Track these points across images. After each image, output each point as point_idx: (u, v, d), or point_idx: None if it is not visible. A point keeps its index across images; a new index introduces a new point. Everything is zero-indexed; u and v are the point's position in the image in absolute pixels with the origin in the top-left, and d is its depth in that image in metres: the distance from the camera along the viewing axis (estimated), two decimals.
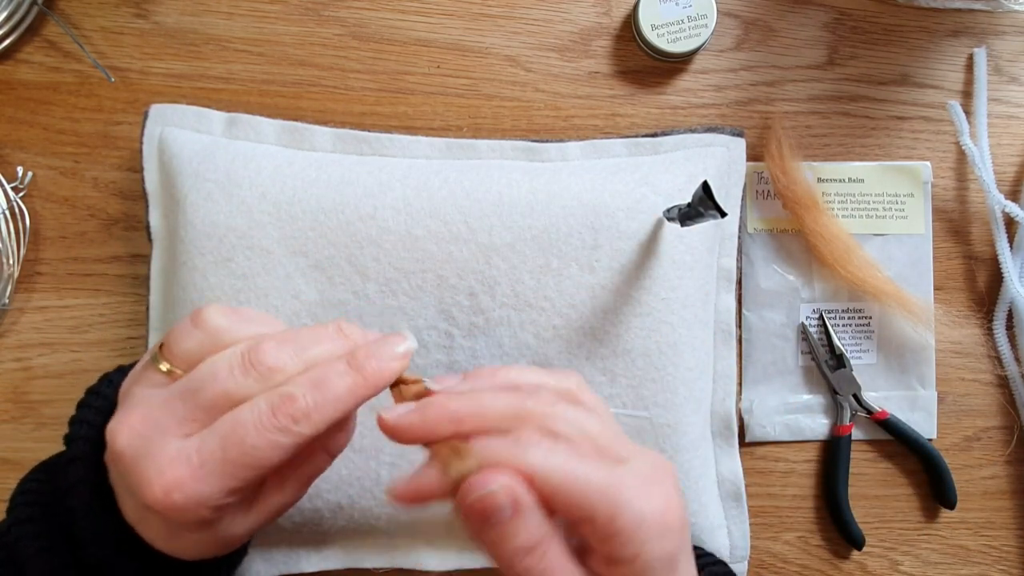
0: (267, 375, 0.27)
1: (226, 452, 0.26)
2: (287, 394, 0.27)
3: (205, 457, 0.26)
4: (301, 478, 0.31)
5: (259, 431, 0.26)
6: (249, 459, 0.26)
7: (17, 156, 0.45)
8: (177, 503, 0.26)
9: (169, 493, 0.26)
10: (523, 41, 0.48)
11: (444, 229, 0.42)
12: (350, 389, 0.27)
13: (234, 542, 0.31)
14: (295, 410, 0.26)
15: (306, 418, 0.27)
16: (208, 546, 0.30)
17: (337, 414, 0.27)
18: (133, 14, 0.46)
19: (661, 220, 0.43)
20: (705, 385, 0.46)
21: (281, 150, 0.44)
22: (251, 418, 0.26)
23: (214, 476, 0.26)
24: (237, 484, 0.26)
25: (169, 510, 0.26)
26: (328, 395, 0.27)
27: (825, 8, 0.50)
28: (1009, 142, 0.51)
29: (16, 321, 0.45)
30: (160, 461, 0.26)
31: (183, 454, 0.26)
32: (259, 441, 0.26)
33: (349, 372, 0.28)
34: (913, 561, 0.50)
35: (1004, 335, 0.51)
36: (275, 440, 0.26)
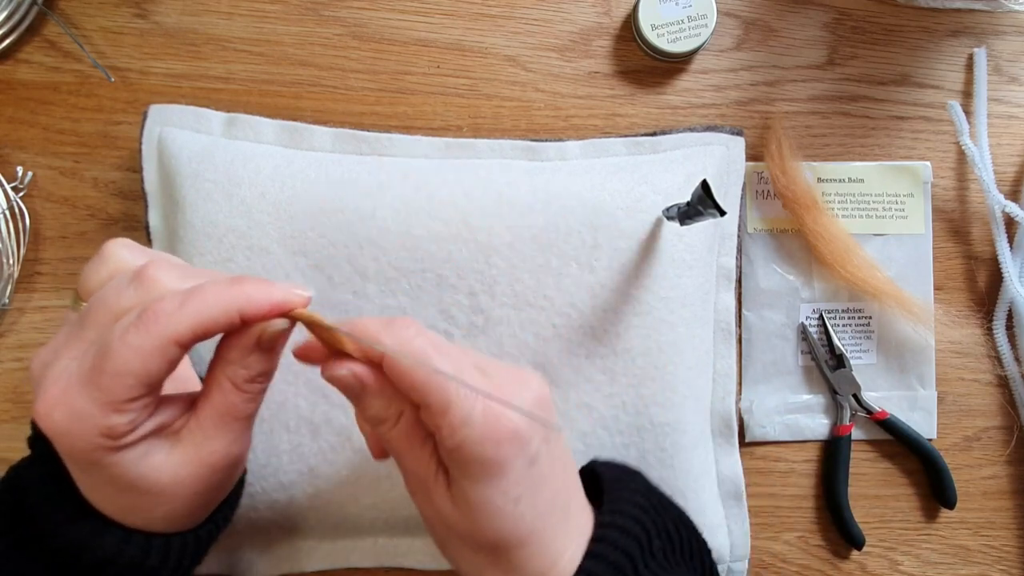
0: (149, 287, 0.27)
1: (95, 361, 0.26)
2: (156, 300, 0.26)
3: (79, 371, 0.26)
4: (218, 418, 0.29)
5: (122, 336, 0.26)
6: (114, 365, 0.25)
7: (17, 156, 0.45)
8: (57, 421, 0.26)
9: (49, 412, 0.26)
10: (523, 41, 0.48)
11: (444, 229, 0.42)
12: (218, 296, 0.26)
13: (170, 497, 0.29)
14: (158, 310, 0.26)
15: (167, 319, 0.26)
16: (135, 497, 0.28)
17: (201, 319, 0.26)
18: (133, 14, 0.46)
19: (661, 219, 0.43)
20: (705, 384, 0.46)
21: (280, 150, 0.44)
22: (121, 325, 0.26)
23: (86, 389, 0.26)
24: (109, 396, 0.26)
25: (53, 431, 0.26)
26: (197, 300, 0.26)
27: (825, 8, 0.50)
28: (1009, 142, 0.51)
29: (16, 321, 0.45)
30: (46, 381, 0.26)
31: (65, 372, 0.26)
32: (119, 346, 0.25)
33: (228, 286, 0.27)
34: (913, 561, 0.50)
35: (1004, 335, 0.51)
36: (135, 343, 0.25)
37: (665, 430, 0.43)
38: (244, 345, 0.28)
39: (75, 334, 0.28)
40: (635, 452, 0.42)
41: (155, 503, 0.29)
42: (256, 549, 0.43)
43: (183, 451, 0.29)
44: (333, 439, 0.41)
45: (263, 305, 0.27)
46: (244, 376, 0.29)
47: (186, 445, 0.29)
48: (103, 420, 0.26)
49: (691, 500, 0.44)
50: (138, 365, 0.26)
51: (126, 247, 0.30)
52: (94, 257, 0.30)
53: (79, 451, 0.27)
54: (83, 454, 0.27)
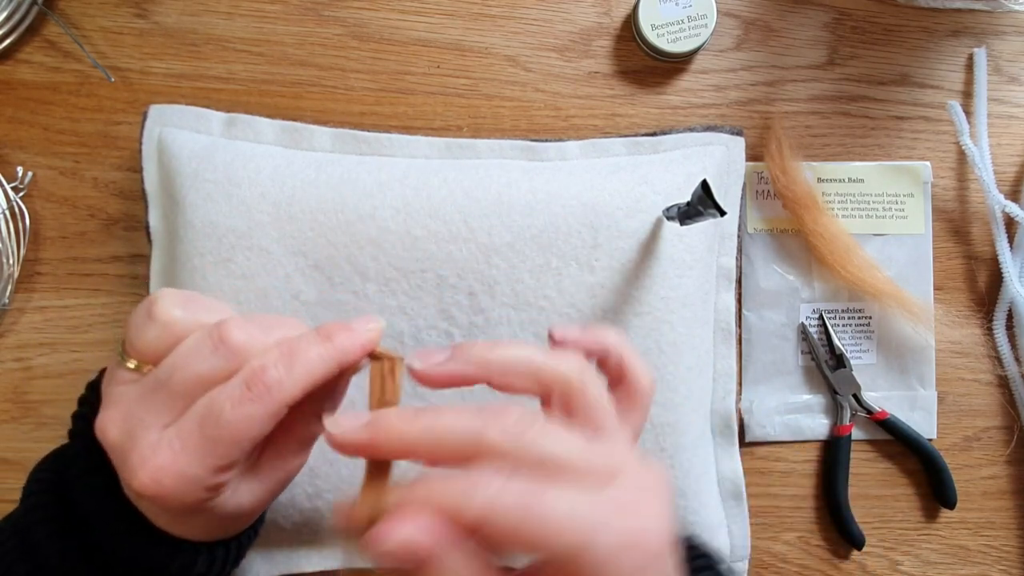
0: (236, 351, 0.28)
1: (204, 431, 0.26)
2: (259, 366, 0.27)
3: (185, 440, 0.27)
4: (299, 443, 0.31)
5: (234, 406, 0.26)
6: (228, 435, 0.26)
7: (17, 156, 0.45)
8: (167, 488, 0.26)
9: (157, 480, 0.26)
10: (523, 41, 0.48)
11: (443, 229, 0.42)
12: (320, 356, 0.28)
13: (246, 514, 0.31)
14: (268, 379, 0.27)
15: (279, 387, 0.27)
16: (219, 524, 0.30)
17: (310, 382, 0.27)
18: (133, 14, 0.46)
19: (661, 219, 0.43)
20: (705, 384, 0.46)
21: (280, 150, 0.44)
22: (225, 394, 0.27)
23: (197, 457, 0.26)
24: (222, 462, 0.27)
25: (159, 497, 0.27)
26: (299, 362, 0.27)
27: (825, 8, 0.50)
28: (1009, 142, 0.51)
29: (16, 321, 0.45)
30: (143, 452, 0.27)
31: (164, 441, 0.27)
32: (234, 416, 0.26)
33: (319, 341, 0.28)
34: (913, 561, 0.50)
35: (1004, 335, 0.51)
36: (250, 413, 0.26)
37: (665, 430, 0.43)
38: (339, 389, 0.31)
39: (154, 400, 0.28)
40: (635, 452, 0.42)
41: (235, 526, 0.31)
42: (256, 549, 0.43)
43: (264, 478, 0.30)
44: None
45: (357, 354, 0.29)
46: (331, 405, 0.31)
47: (267, 472, 0.30)
48: (213, 480, 0.27)
49: (691, 500, 0.44)
50: (255, 432, 0.27)
51: (175, 304, 0.29)
52: (141, 314, 0.29)
53: (182, 507, 0.28)
54: (186, 508, 0.28)
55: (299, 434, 0.31)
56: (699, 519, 0.44)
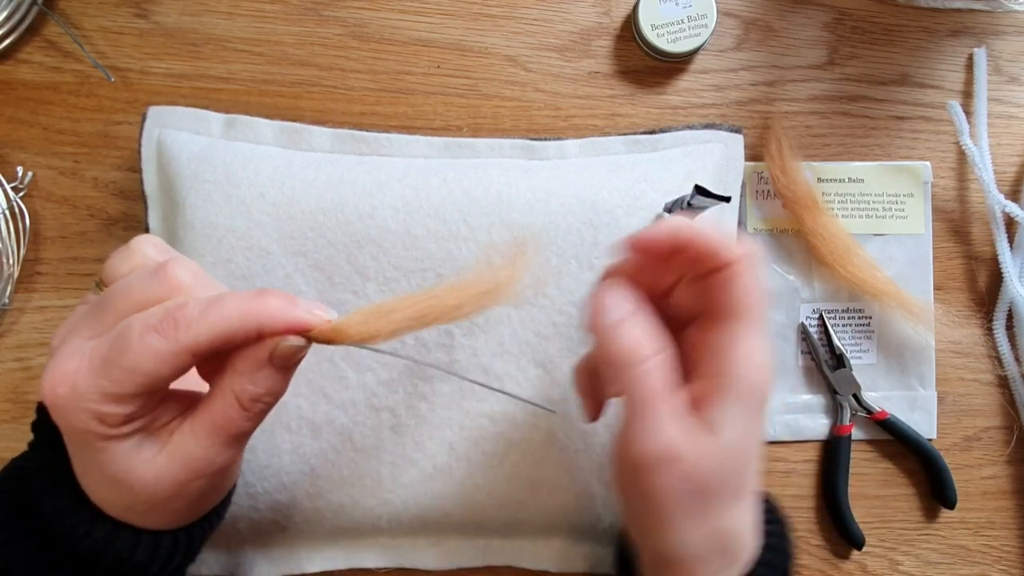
0: (172, 283, 0.28)
1: (109, 351, 0.26)
2: (180, 302, 0.27)
3: (92, 356, 0.27)
4: (210, 428, 0.29)
5: (141, 334, 0.26)
6: (127, 362, 0.26)
7: (17, 156, 0.45)
8: (59, 396, 0.26)
9: (53, 386, 0.26)
10: (523, 41, 0.48)
11: (443, 228, 0.42)
12: (241, 310, 0.27)
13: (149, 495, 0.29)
14: (180, 316, 0.26)
15: (187, 326, 0.26)
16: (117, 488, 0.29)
17: (221, 332, 0.27)
18: (133, 14, 0.46)
19: (660, 217, 0.43)
20: None
21: (280, 151, 0.44)
22: (140, 321, 0.26)
23: (94, 375, 0.26)
24: (114, 388, 0.26)
25: (52, 404, 0.26)
26: (216, 309, 0.27)
27: (825, 8, 0.50)
28: (1009, 142, 0.51)
29: (16, 321, 0.45)
30: (59, 357, 0.27)
31: (78, 351, 0.27)
32: (139, 344, 0.26)
33: (247, 298, 0.27)
34: (913, 561, 0.50)
35: (1004, 335, 0.51)
36: (153, 345, 0.26)
37: None
38: (257, 357, 0.28)
39: (93, 315, 0.28)
40: None
41: (136, 498, 0.29)
42: (257, 549, 0.43)
43: (169, 453, 0.29)
44: (334, 439, 0.41)
45: (282, 322, 0.27)
46: (251, 393, 0.28)
47: (174, 447, 0.29)
48: (100, 407, 0.26)
49: None
50: (151, 366, 0.26)
51: (153, 245, 0.31)
52: (121, 248, 0.31)
53: (72, 429, 0.27)
54: (76, 433, 0.27)
55: (214, 418, 0.29)
56: None
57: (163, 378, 0.27)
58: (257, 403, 0.29)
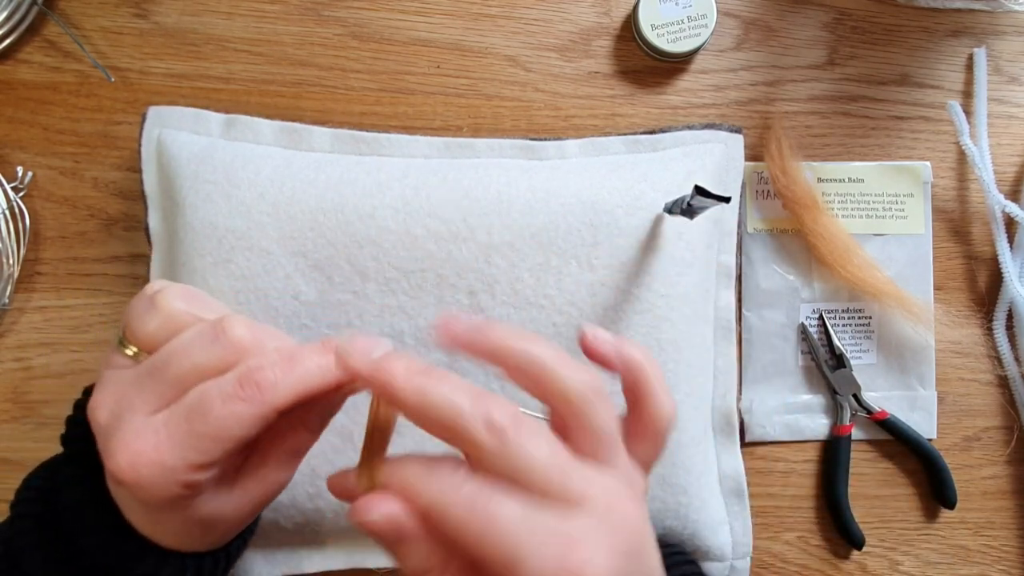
0: (236, 346, 0.27)
1: (191, 424, 0.26)
2: (256, 365, 0.27)
3: (171, 430, 0.26)
4: (284, 456, 0.30)
5: (224, 402, 0.26)
6: (213, 431, 0.26)
7: (17, 156, 0.45)
8: (143, 476, 0.26)
9: (134, 465, 0.26)
10: (523, 41, 0.48)
11: (443, 228, 0.42)
12: (319, 367, 0.27)
13: (224, 527, 0.30)
14: (261, 380, 0.26)
15: (272, 389, 0.26)
16: (194, 530, 0.29)
17: (304, 390, 0.27)
18: (133, 14, 0.46)
19: (660, 216, 0.43)
20: (706, 381, 0.46)
21: (279, 151, 0.44)
22: (217, 389, 0.26)
23: (179, 449, 0.26)
24: (204, 458, 0.26)
25: (135, 483, 0.26)
26: (297, 370, 0.27)
27: (825, 8, 0.50)
28: (1009, 142, 0.51)
29: (16, 321, 0.45)
30: (127, 434, 0.26)
31: (150, 427, 0.26)
32: (223, 412, 0.26)
33: (323, 353, 0.27)
34: (913, 561, 0.50)
35: (1004, 335, 0.51)
36: (239, 411, 0.26)
37: None
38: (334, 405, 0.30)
39: (147, 385, 0.28)
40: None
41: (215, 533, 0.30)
42: (257, 549, 0.43)
43: (247, 487, 0.29)
44: (334, 440, 0.41)
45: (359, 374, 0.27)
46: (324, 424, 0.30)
47: (250, 481, 0.30)
48: (190, 477, 0.26)
49: (693, 497, 0.44)
50: (239, 432, 0.26)
51: (180, 298, 0.30)
52: (142, 303, 0.30)
53: (155, 499, 0.27)
54: (160, 502, 0.27)
55: (287, 446, 0.30)
56: (701, 517, 0.44)
57: (249, 439, 0.27)
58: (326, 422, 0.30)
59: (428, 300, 0.42)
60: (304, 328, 0.41)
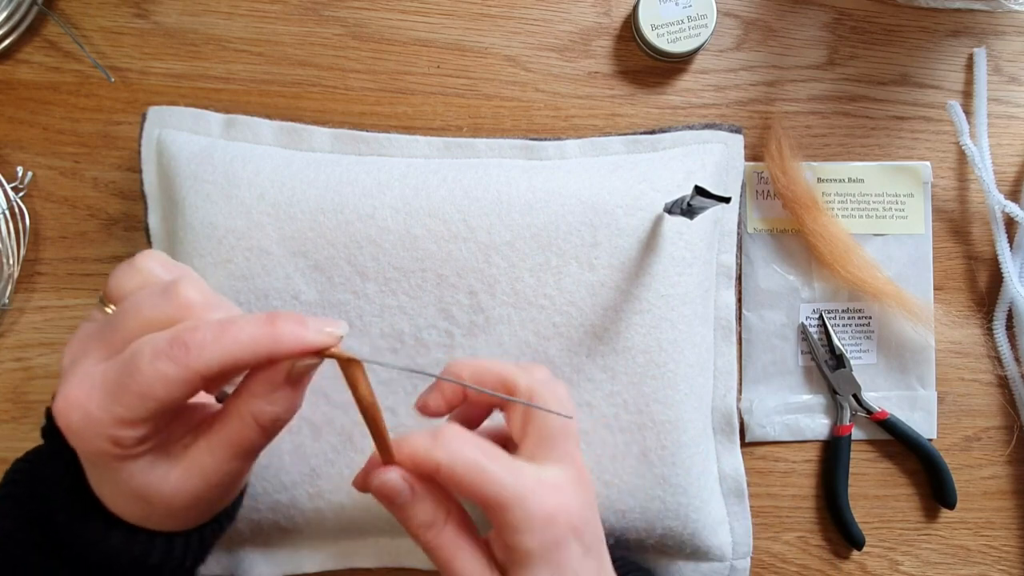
0: (182, 304, 0.27)
1: (120, 377, 0.26)
2: (191, 325, 0.26)
3: (104, 380, 0.26)
4: (229, 442, 0.29)
5: (151, 358, 0.26)
6: (138, 387, 0.26)
7: (17, 156, 0.45)
8: (72, 422, 0.26)
9: (66, 410, 0.26)
10: (523, 41, 0.48)
11: (443, 228, 0.42)
12: (253, 336, 0.27)
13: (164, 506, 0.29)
14: (190, 340, 0.26)
15: (199, 351, 0.26)
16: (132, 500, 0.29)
17: (232, 357, 0.26)
18: (133, 14, 0.46)
19: (660, 216, 0.43)
20: (706, 381, 0.46)
21: (279, 151, 0.44)
22: (150, 345, 0.26)
23: (106, 400, 0.26)
24: (128, 414, 0.26)
25: (66, 428, 0.26)
26: (229, 334, 0.26)
27: (825, 8, 0.50)
28: (1009, 142, 0.51)
29: (16, 321, 0.45)
30: (71, 379, 0.27)
31: (89, 375, 0.27)
32: (149, 369, 0.26)
33: (259, 322, 0.27)
34: (913, 561, 0.50)
35: (1004, 335, 0.51)
36: (164, 370, 0.26)
37: (666, 428, 0.43)
38: (273, 380, 0.28)
39: (102, 335, 0.28)
40: (636, 450, 0.42)
41: (153, 508, 0.29)
42: (258, 549, 0.43)
43: (186, 467, 0.29)
44: (334, 440, 0.41)
45: (294, 348, 0.27)
46: (270, 414, 0.29)
47: (190, 462, 0.29)
48: (114, 431, 0.26)
49: (693, 497, 0.44)
50: (162, 392, 0.26)
51: (159, 261, 0.30)
52: (125, 264, 0.30)
53: (88, 451, 0.27)
54: (91, 455, 0.28)
55: (230, 433, 0.29)
56: (701, 516, 0.44)
57: (174, 401, 0.27)
58: (276, 423, 0.29)
59: (428, 300, 0.42)
60: None
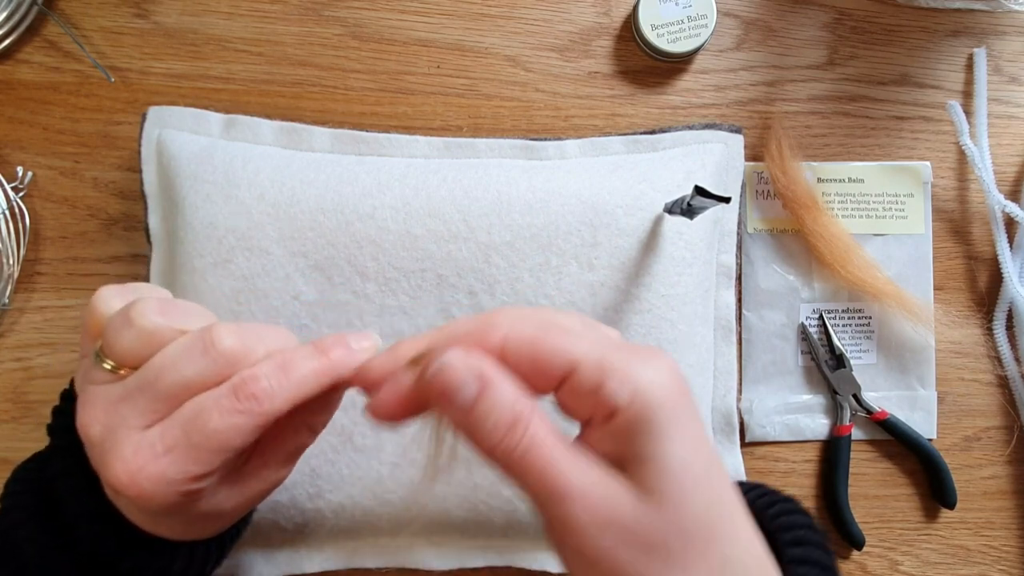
0: (227, 357, 0.27)
1: (189, 437, 0.26)
2: (250, 375, 0.27)
3: (169, 443, 0.26)
4: (285, 453, 0.31)
5: (221, 414, 0.26)
6: (213, 443, 0.26)
7: (17, 156, 0.45)
8: (145, 489, 0.26)
9: (135, 480, 0.26)
10: (523, 41, 0.48)
11: (443, 228, 0.42)
12: (314, 371, 0.28)
13: (221, 521, 0.31)
14: (258, 390, 0.26)
15: (269, 399, 0.27)
16: (197, 525, 0.30)
17: (300, 396, 0.27)
18: (133, 14, 0.46)
19: (660, 216, 0.43)
20: (706, 382, 0.46)
21: (279, 151, 0.44)
22: (212, 401, 0.27)
23: (179, 462, 0.26)
24: (203, 469, 0.27)
25: (137, 497, 0.26)
26: (292, 376, 0.27)
27: (825, 8, 0.50)
28: (1009, 142, 0.51)
29: (16, 321, 0.45)
30: (124, 450, 0.27)
31: (146, 442, 0.27)
32: (221, 424, 0.26)
33: (314, 355, 0.28)
34: (913, 561, 0.50)
35: (1004, 335, 0.51)
36: (237, 423, 0.26)
37: None
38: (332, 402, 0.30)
39: (137, 401, 0.27)
40: None
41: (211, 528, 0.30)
42: (257, 549, 0.43)
43: (246, 485, 0.30)
44: (334, 440, 0.41)
45: (349, 373, 0.28)
46: (323, 422, 0.31)
47: (249, 480, 0.30)
48: (191, 487, 0.27)
49: None
50: (237, 442, 0.27)
51: (155, 312, 0.28)
52: (118, 319, 0.28)
53: (158, 508, 0.27)
54: (161, 509, 0.27)
55: (286, 445, 0.31)
56: None
57: (248, 446, 0.27)
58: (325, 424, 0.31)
59: (428, 300, 0.42)
60: (304, 328, 0.41)
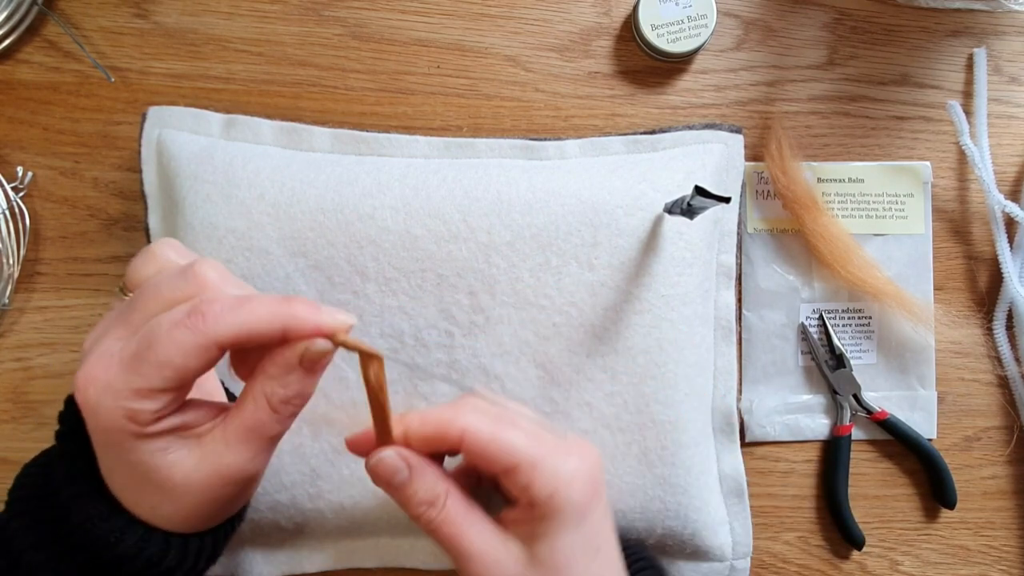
0: (200, 282, 0.28)
1: (139, 348, 0.27)
2: (207, 298, 0.27)
3: (124, 355, 0.27)
4: (243, 426, 0.29)
5: (169, 328, 0.27)
6: (156, 356, 0.26)
7: (17, 156, 0.45)
8: (90, 397, 0.27)
9: (86, 386, 0.27)
10: (523, 41, 0.48)
11: (443, 228, 0.42)
12: (270, 310, 0.28)
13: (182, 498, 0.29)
14: (207, 310, 0.27)
15: (215, 320, 0.27)
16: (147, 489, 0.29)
17: (248, 329, 0.27)
18: (133, 14, 0.46)
19: (661, 216, 0.43)
20: (706, 382, 0.46)
21: (279, 151, 0.44)
22: (168, 316, 0.27)
23: (124, 372, 0.27)
24: (144, 383, 0.27)
25: (84, 404, 0.27)
26: (245, 307, 0.27)
27: (825, 8, 0.50)
28: (1009, 142, 0.51)
29: (16, 321, 0.45)
30: (91, 358, 0.28)
31: (108, 352, 0.27)
32: (166, 338, 0.27)
33: (278, 302, 0.28)
34: (913, 561, 0.50)
35: (1004, 335, 0.51)
36: (180, 338, 0.26)
37: (666, 428, 0.43)
38: (287, 361, 0.29)
39: (123, 317, 0.29)
40: (636, 450, 0.42)
41: (164, 498, 0.29)
42: (258, 550, 0.43)
43: (201, 455, 0.29)
44: (334, 440, 0.41)
45: (308, 325, 0.28)
46: (281, 396, 0.29)
47: (205, 450, 0.29)
48: (131, 403, 0.27)
49: (693, 497, 0.44)
50: (179, 359, 0.27)
51: (174, 248, 0.32)
52: (142, 253, 0.31)
53: (103, 428, 0.28)
54: (107, 433, 0.28)
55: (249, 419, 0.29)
56: (701, 516, 0.44)
57: (191, 371, 0.27)
58: (287, 405, 0.30)
59: (428, 300, 0.42)
60: None
